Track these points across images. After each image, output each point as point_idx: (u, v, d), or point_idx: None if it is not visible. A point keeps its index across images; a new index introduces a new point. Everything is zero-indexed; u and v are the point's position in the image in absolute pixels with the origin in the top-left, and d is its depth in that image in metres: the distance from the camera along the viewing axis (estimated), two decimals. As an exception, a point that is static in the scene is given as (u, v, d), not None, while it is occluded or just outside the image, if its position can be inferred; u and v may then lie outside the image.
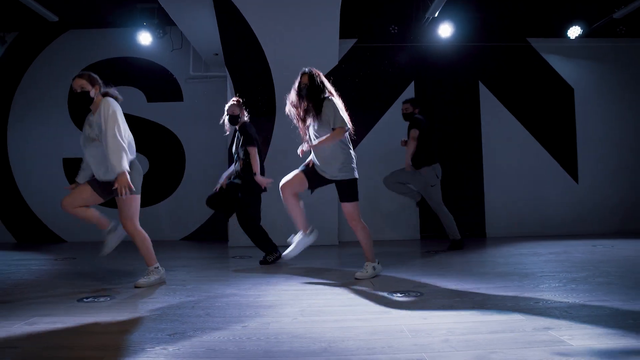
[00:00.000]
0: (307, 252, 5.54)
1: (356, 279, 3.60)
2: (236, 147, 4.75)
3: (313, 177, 3.77)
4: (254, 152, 4.58)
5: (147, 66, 7.63)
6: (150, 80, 7.61)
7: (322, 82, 3.72)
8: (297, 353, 1.92)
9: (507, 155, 7.12)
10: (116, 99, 3.49)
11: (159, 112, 7.55)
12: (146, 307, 2.79)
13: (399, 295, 2.99)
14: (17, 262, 5.03)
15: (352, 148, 3.78)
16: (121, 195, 3.23)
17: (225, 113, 4.76)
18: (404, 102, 5.66)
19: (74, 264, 4.87)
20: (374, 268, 3.70)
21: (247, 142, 4.59)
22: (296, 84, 3.76)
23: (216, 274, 4.06)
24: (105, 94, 3.45)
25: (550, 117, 7.19)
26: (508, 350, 1.89)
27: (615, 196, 7.07)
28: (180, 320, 2.45)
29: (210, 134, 7.19)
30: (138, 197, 3.46)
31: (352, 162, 3.69)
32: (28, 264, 4.87)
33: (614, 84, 7.27)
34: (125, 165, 3.24)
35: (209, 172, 7.51)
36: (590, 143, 7.18)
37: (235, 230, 6.05)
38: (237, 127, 4.76)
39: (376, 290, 3.19)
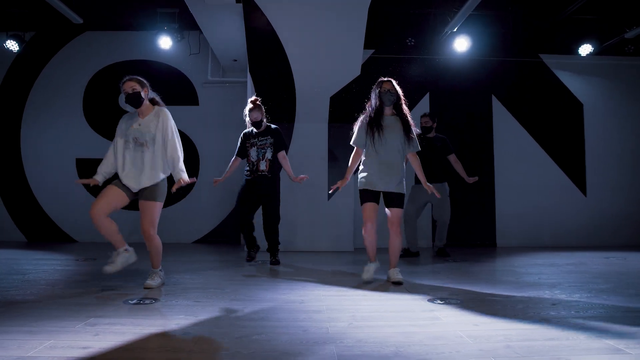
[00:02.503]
0: (326, 257, 5.67)
1: (395, 283, 3.72)
2: (260, 148, 4.84)
3: (377, 198, 3.85)
4: (284, 156, 4.84)
5: (164, 69, 7.68)
6: (167, 84, 7.65)
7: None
8: (370, 356, 1.99)
9: (518, 167, 7.27)
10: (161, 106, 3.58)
11: (175, 116, 7.40)
12: (198, 310, 2.84)
13: (439, 301, 3.08)
14: (40, 262, 5.04)
15: None
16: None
17: (249, 119, 4.87)
18: (423, 116, 5.78)
19: (97, 264, 4.88)
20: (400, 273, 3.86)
21: (281, 146, 4.82)
22: (377, 91, 3.81)
23: (248, 278, 4.11)
24: (153, 101, 3.53)
25: (560, 131, 7.37)
26: (571, 357, 1.98)
27: (622, 210, 7.25)
28: (239, 325, 2.51)
29: (224, 139, 7.25)
30: (161, 205, 3.56)
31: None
32: (52, 264, 4.89)
33: (622, 100, 7.48)
34: (186, 176, 3.46)
35: (220, 175, 7.59)
36: (598, 157, 7.36)
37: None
38: (263, 129, 4.87)
39: (414, 296, 3.27)
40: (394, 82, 3.82)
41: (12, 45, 7.17)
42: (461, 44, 6.77)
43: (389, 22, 6.99)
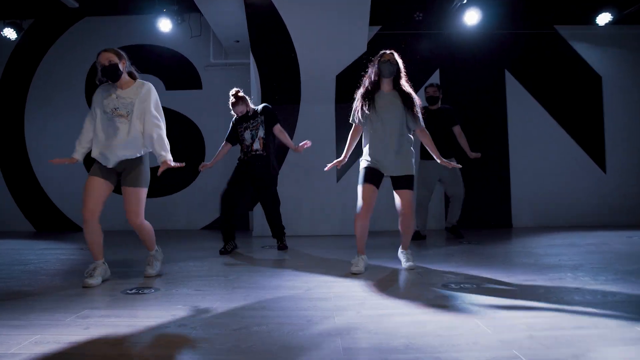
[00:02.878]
0: (334, 241, 5.50)
1: (411, 269, 3.53)
2: (254, 129, 4.66)
3: (377, 181, 3.53)
4: (281, 129, 4.68)
5: (165, 53, 7.50)
6: (169, 68, 7.48)
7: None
8: (379, 350, 1.82)
9: (534, 144, 6.99)
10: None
11: (178, 100, 7.42)
12: (197, 300, 2.69)
13: (453, 287, 2.89)
14: (43, 252, 4.96)
15: None
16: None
17: (234, 113, 4.71)
18: (430, 86, 5.44)
19: (102, 254, 4.78)
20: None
21: (274, 121, 4.65)
22: (377, 61, 3.48)
23: (253, 265, 3.95)
24: (132, 75, 3.32)
25: (577, 106, 7.05)
26: (604, 348, 1.78)
27: (643, 187, 6.95)
28: (241, 315, 2.36)
29: (229, 122, 7.05)
30: (146, 191, 3.36)
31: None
32: (56, 254, 4.80)
33: (642, 72, 7.11)
34: (170, 157, 3.21)
35: (228, 160, 7.41)
36: (618, 133, 7.05)
37: (260, 219, 5.98)
38: (252, 113, 4.70)
39: (426, 282, 3.09)
40: (396, 54, 3.49)
41: (10, 33, 7.03)
42: (471, 17, 6.46)
43: (395, -3, 6.69)
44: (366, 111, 3.44)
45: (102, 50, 3.24)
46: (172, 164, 3.17)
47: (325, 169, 3.82)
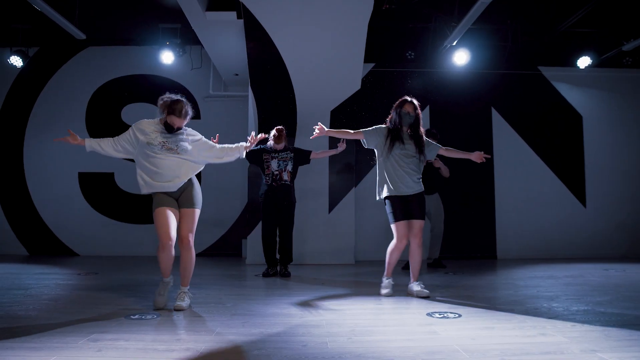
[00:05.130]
0: (328, 270, 5.70)
1: (421, 297, 3.79)
2: (282, 160, 5.17)
3: (405, 210, 3.90)
4: (316, 152, 5.40)
5: (165, 84, 7.77)
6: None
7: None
8: (368, 372, 2.02)
9: (518, 179, 7.32)
10: None
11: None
12: (199, 326, 2.88)
13: (437, 316, 3.11)
14: (40, 276, 5.08)
15: None
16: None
17: (272, 143, 5.14)
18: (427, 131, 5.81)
19: (99, 279, 4.94)
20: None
21: (306, 160, 5.33)
22: (399, 110, 3.92)
23: (249, 292, 4.14)
24: None
25: (559, 143, 7.42)
26: (567, 372, 2.01)
27: (622, 221, 7.28)
28: (239, 340, 2.54)
29: (227, 152, 7.30)
30: (199, 212, 3.55)
31: None
32: (54, 279, 4.93)
33: (621, 112, 7.54)
34: (236, 147, 3.63)
35: (224, 190, 7.67)
36: (597, 169, 7.40)
37: (254, 247, 6.17)
38: (283, 148, 5.21)
39: (413, 311, 3.30)
40: (416, 103, 3.94)
41: (16, 60, 7.28)
42: (460, 57, 6.85)
43: (388, 36, 7.08)
44: (396, 147, 3.86)
45: (177, 114, 3.32)
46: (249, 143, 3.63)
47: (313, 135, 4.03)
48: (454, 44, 6.44)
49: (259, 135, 3.79)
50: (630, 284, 4.55)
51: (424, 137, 3.99)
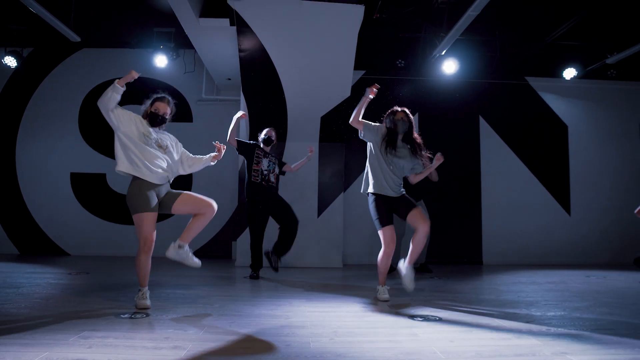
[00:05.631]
0: (316, 273, 5.79)
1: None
2: (272, 162, 5.32)
3: (390, 215, 4.00)
4: (290, 167, 5.62)
5: (158, 86, 7.70)
6: (162, 101, 7.81)
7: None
8: (347, 370, 2.12)
9: (504, 187, 7.48)
10: None
11: (169, 132, 7.71)
12: (186, 324, 2.96)
13: (419, 319, 3.21)
14: (32, 275, 5.13)
15: None
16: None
17: (264, 135, 5.31)
18: None
19: (90, 278, 5.00)
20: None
21: (282, 164, 5.51)
22: (392, 117, 4.05)
23: (237, 294, 4.23)
24: None
25: (545, 152, 7.59)
26: (536, 372, 2.12)
27: (605, 229, 7.46)
28: (228, 339, 2.63)
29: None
30: None
31: None
32: (45, 278, 4.98)
33: (604, 122, 7.74)
34: (207, 157, 3.93)
35: (215, 192, 7.68)
36: (582, 178, 7.58)
37: (243, 249, 6.25)
38: (270, 151, 5.37)
39: (396, 314, 3.41)
40: (407, 111, 4.07)
41: (10, 61, 7.33)
42: (449, 67, 7.01)
43: (379, 45, 7.22)
44: (389, 155, 3.97)
45: (162, 98, 3.62)
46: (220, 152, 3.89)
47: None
48: (443, 53, 6.59)
49: (240, 114, 4.57)
50: (609, 290, 4.69)
51: (420, 144, 4.08)
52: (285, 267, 6.25)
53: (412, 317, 3.28)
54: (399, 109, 4.09)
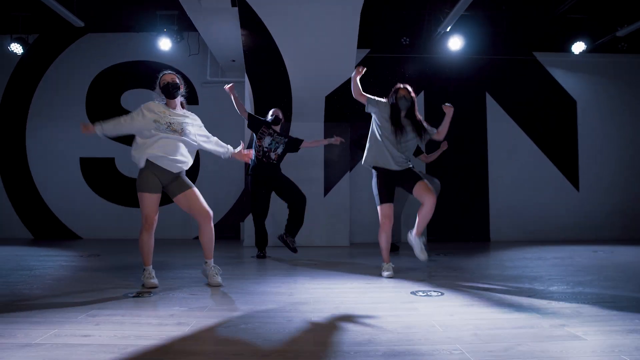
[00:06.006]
0: (323, 251, 5.85)
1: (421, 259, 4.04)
2: (275, 141, 5.35)
3: (390, 192, 4.04)
4: (308, 142, 5.59)
5: (164, 70, 7.84)
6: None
7: None
8: (346, 343, 2.17)
9: (512, 163, 7.43)
10: None
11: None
12: (191, 302, 3.03)
13: (421, 294, 3.25)
14: (45, 259, 5.25)
15: None
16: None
17: (271, 115, 5.39)
18: None
19: (101, 260, 5.11)
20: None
21: (296, 148, 5.51)
22: (394, 96, 4.05)
23: (243, 273, 4.31)
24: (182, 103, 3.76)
25: (553, 128, 7.51)
26: (531, 343, 2.15)
27: (614, 205, 7.40)
28: (230, 315, 2.70)
29: (224, 137, 7.35)
30: None
31: None
32: (58, 260, 5.10)
33: (615, 97, 7.60)
34: (226, 147, 3.86)
35: (222, 174, 7.80)
36: (591, 154, 7.50)
37: (250, 230, 6.32)
38: (281, 132, 5.44)
39: (399, 289, 3.45)
40: (410, 89, 4.06)
41: (17, 48, 7.37)
42: (455, 43, 6.91)
43: (384, 22, 7.13)
44: (389, 127, 3.98)
45: (167, 72, 3.64)
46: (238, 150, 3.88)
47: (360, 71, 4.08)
48: (448, 30, 6.50)
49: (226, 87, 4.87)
50: (615, 265, 4.69)
51: (423, 122, 4.10)
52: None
53: (415, 292, 3.32)
54: (402, 85, 4.09)
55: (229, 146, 3.90)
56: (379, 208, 4.03)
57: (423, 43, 7.20)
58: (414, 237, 4.07)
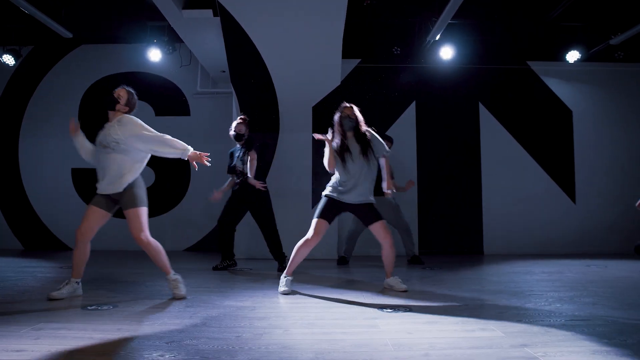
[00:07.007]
0: (310, 264, 5.72)
1: (402, 291, 3.79)
2: (238, 160, 5.14)
3: (333, 215, 3.90)
4: (254, 156, 5.03)
5: (156, 81, 7.86)
6: (159, 95, 7.83)
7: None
8: (284, 362, 2.05)
9: (506, 175, 7.26)
10: None
11: (167, 126, 7.65)
12: (146, 316, 2.93)
13: (388, 310, 3.12)
14: (23, 269, 5.20)
15: None
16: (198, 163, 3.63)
17: (233, 130, 5.10)
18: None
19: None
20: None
21: (249, 147, 5.06)
22: (338, 115, 3.90)
23: (217, 285, 4.20)
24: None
25: (548, 139, 7.34)
26: (483, 365, 2.01)
27: (612, 218, 7.18)
28: (178, 330, 2.59)
29: (215, 148, 7.30)
30: (145, 209, 3.56)
31: None
32: (34, 271, 5.03)
33: (612, 107, 7.43)
34: (182, 145, 3.61)
35: (213, 185, 7.68)
36: (588, 165, 7.31)
37: (239, 241, 6.21)
38: (243, 142, 5.15)
39: (367, 305, 3.31)
40: (355, 108, 3.89)
41: (9, 59, 7.40)
42: (446, 52, 6.81)
43: (374, 32, 7.07)
44: (348, 158, 3.81)
45: (123, 88, 3.71)
46: (197, 156, 3.66)
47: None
48: (437, 38, 6.41)
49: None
50: (604, 280, 4.51)
51: (368, 134, 3.88)
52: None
53: (382, 307, 3.19)
54: (347, 104, 3.93)
55: (188, 147, 3.65)
56: (314, 221, 3.84)
57: (414, 53, 7.11)
58: (388, 280, 3.95)
